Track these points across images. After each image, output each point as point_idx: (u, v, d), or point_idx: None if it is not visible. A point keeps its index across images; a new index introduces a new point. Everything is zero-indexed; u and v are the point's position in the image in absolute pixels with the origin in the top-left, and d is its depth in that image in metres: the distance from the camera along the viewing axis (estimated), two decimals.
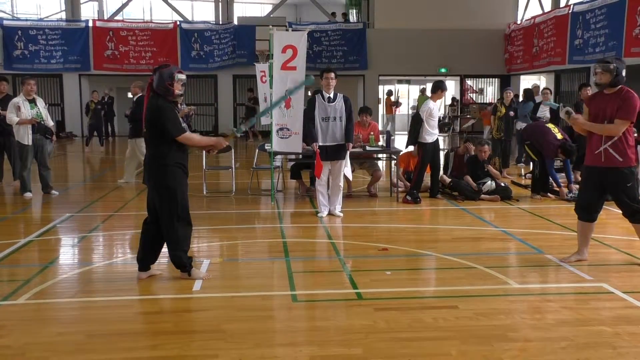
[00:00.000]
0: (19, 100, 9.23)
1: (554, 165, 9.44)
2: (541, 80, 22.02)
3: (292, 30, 11.70)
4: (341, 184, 8.05)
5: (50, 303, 4.74)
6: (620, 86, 5.40)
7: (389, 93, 22.95)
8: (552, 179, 9.50)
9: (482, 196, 9.12)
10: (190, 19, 24.78)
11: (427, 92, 19.25)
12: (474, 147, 9.60)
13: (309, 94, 10.54)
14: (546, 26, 18.68)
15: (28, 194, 9.41)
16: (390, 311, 4.45)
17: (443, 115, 22.23)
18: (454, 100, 23.84)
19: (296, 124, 8.39)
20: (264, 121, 10.70)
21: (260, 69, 11.27)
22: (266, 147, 9.23)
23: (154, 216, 5.12)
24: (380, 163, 10.46)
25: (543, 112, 12.48)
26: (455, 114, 23.28)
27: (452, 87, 23.68)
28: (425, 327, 4.17)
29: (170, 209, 5.01)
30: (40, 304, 4.69)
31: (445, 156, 9.98)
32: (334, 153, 7.84)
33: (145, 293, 4.96)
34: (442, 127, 16.79)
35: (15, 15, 26.29)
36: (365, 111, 9.97)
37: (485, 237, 6.97)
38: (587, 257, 5.75)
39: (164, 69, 4.98)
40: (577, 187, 8.16)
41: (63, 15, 24.03)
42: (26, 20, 23.13)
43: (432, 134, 8.93)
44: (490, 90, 23.82)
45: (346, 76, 19.89)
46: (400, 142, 13.28)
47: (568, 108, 5.69)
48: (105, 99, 18.96)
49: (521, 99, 14.00)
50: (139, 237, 5.26)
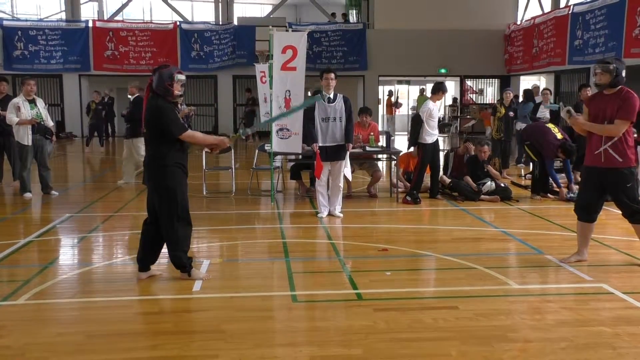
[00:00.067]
0: (19, 100, 9.23)
1: (553, 165, 9.44)
2: (541, 81, 22.02)
3: (292, 30, 11.66)
4: (341, 184, 8.05)
5: (50, 303, 4.73)
6: (620, 87, 5.40)
7: (390, 93, 22.94)
8: (552, 180, 9.50)
9: (482, 197, 9.12)
10: (190, 19, 24.77)
11: (427, 93, 19.28)
12: (473, 147, 9.61)
13: (309, 94, 10.54)
14: (546, 27, 18.67)
15: (28, 195, 9.41)
16: (390, 312, 4.45)
17: (442, 116, 22.22)
18: (454, 100, 23.84)
19: (296, 125, 8.40)
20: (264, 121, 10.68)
21: (260, 69, 11.25)
22: (266, 148, 9.23)
23: (154, 216, 5.11)
24: (380, 163, 10.45)
25: (543, 112, 12.48)
26: (455, 115, 23.28)
27: (452, 88, 23.66)
28: (425, 327, 4.17)
29: (170, 209, 5.01)
30: (40, 304, 4.68)
31: (445, 156, 9.98)
32: (333, 153, 7.84)
33: (145, 293, 4.96)
34: (442, 128, 16.79)
35: (15, 15, 26.29)
36: (365, 112, 9.97)
37: (485, 237, 6.98)
38: (587, 258, 5.75)
39: (164, 70, 4.98)
40: (577, 187, 8.15)
41: (63, 15, 24.03)
42: (26, 20, 23.12)
43: (432, 134, 8.94)
44: (490, 90, 23.81)
45: (346, 77, 19.88)
46: (400, 142, 13.28)
47: (569, 107, 5.70)
48: (106, 100, 18.98)
49: (521, 99, 14.00)
50: (138, 237, 5.26)
